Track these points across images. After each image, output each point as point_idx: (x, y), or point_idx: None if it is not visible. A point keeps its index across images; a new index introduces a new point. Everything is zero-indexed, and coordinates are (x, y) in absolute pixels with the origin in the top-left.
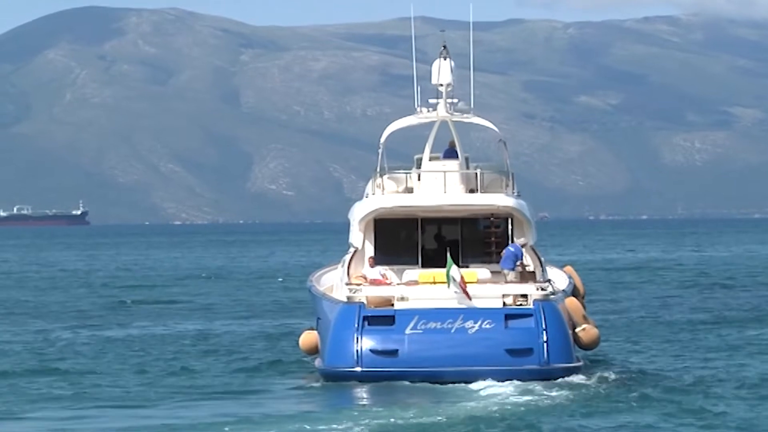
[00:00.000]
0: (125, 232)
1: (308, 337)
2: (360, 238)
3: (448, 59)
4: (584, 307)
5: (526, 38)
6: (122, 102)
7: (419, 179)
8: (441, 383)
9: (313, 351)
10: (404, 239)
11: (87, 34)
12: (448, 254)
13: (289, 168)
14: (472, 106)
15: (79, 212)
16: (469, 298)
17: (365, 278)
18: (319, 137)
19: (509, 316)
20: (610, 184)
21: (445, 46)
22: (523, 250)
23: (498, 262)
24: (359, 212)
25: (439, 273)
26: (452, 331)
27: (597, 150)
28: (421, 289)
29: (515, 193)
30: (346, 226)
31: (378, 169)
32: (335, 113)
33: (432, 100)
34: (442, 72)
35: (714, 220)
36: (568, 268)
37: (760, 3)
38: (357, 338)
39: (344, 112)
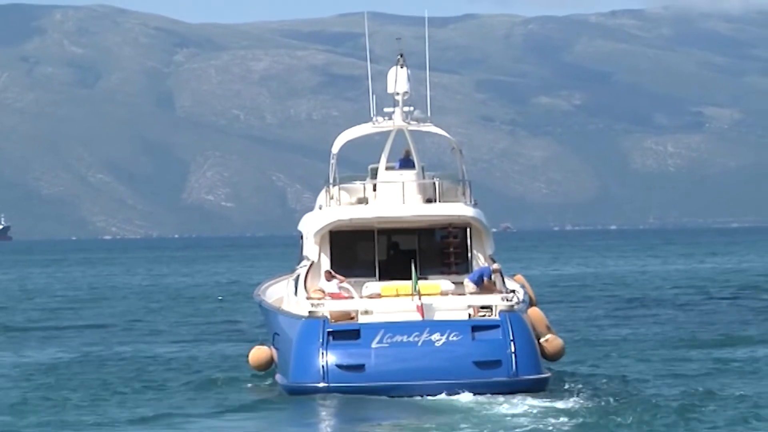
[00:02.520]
0: (45, 249)
1: (259, 353)
2: (315, 251)
3: (405, 68)
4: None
5: (483, 34)
6: (47, 107)
7: (374, 190)
8: (408, 397)
9: (265, 367)
10: (361, 251)
11: (6, 33)
12: (413, 268)
13: (228, 177)
14: (429, 114)
15: (0, 227)
16: (422, 315)
17: (323, 292)
18: (260, 143)
19: (476, 328)
20: (577, 191)
21: (401, 55)
22: (493, 276)
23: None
24: (314, 224)
25: (402, 285)
26: (419, 344)
27: (561, 155)
28: (385, 302)
29: (473, 202)
30: (294, 239)
31: (331, 180)
32: (278, 117)
33: (387, 109)
34: (398, 81)
35: (689, 230)
36: (519, 277)
37: None
38: (322, 353)
39: (288, 116)
